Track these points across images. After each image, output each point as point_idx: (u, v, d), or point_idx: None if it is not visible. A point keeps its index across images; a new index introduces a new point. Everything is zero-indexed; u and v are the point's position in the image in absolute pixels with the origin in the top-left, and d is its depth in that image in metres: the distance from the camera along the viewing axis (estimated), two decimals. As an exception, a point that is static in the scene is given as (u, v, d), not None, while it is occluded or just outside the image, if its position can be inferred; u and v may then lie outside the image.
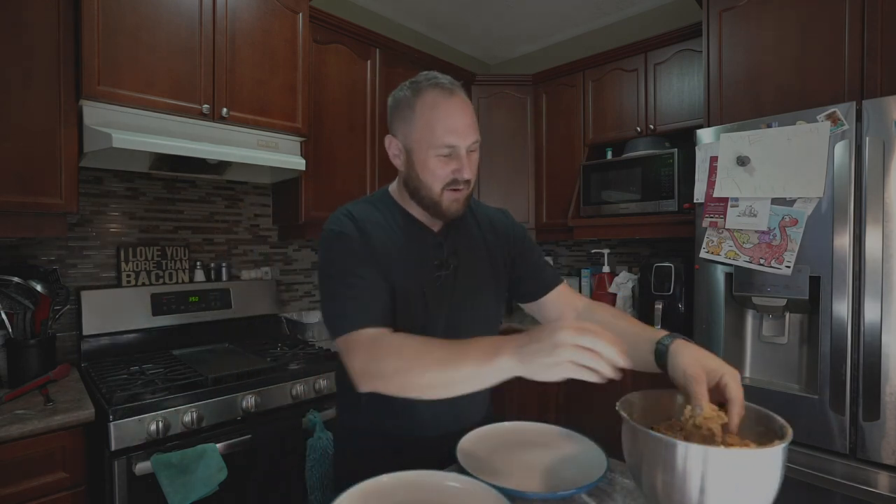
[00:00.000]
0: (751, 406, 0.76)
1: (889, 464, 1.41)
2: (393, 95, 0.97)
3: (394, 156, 0.98)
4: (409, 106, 0.92)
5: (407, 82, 0.96)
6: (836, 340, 1.49)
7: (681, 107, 2.35)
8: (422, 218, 1.02)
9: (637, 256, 2.80)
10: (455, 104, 0.90)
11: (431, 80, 0.92)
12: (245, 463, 1.53)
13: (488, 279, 1.07)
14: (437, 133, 0.89)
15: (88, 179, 1.89)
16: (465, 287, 1.03)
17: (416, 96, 0.91)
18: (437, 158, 0.91)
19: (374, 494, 0.75)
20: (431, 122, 0.89)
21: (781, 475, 0.64)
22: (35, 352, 1.58)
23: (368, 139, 2.41)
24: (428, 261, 1.00)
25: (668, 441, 0.64)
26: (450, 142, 0.90)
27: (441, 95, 0.90)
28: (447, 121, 0.89)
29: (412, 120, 0.92)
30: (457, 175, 0.92)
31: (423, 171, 0.92)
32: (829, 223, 1.51)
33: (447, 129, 0.89)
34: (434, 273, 0.99)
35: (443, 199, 0.94)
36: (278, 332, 2.33)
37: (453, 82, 0.93)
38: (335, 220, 0.97)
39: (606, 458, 0.88)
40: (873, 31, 1.62)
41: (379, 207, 1.02)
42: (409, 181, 0.97)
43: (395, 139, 0.96)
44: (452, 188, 0.93)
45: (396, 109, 0.95)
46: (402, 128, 0.94)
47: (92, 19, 1.53)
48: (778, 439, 0.68)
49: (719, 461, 0.62)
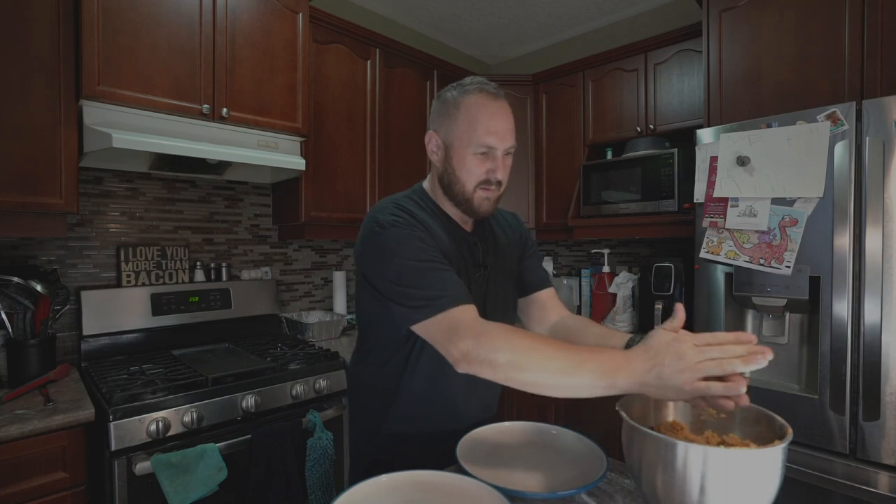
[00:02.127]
0: (751, 406, 0.76)
1: (889, 464, 1.41)
2: (439, 95, 1.02)
3: (432, 151, 1.02)
4: (454, 105, 0.97)
5: (455, 84, 1.00)
6: (836, 340, 1.49)
7: (681, 107, 2.35)
8: (455, 217, 1.05)
9: (637, 256, 2.80)
10: (498, 108, 0.95)
11: (479, 84, 0.97)
12: (245, 463, 1.53)
13: (511, 280, 1.14)
14: (478, 132, 0.94)
15: (88, 179, 1.89)
16: (496, 287, 1.08)
17: (463, 96, 0.96)
18: (475, 156, 0.96)
19: (373, 494, 0.75)
20: (474, 122, 0.94)
21: (781, 475, 0.65)
22: (35, 352, 1.58)
23: (368, 139, 2.41)
24: (467, 259, 1.04)
25: (668, 441, 0.64)
26: (488, 142, 0.94)
27: (486, 98, 0.95)
28: (489, 122, 0.94)
29: (456, 118, 0.96)
30: (490, 175, 0.97)
31: (460, 167, 0.97)
32: (829, 223, 1.51)
33: (488, 129, 0.94)
34: (474, 273, 1.04)
35: (475, 196, 0.99)
36: (278, 332, 2.33)
37: (498, 89, 0.98)
38: (390, 213, 0.96)
39: (606, 458, 0.88)
40: (873, 30, 1.62)
41: (420, 204, 1.04)
42: (444, 176, 1.01)
43: (436, 135, 1.01)
44: (485, 187, 0.98)
45: (441, 107, 1.00)
46: (444, 125, 0.99)
47: (92, 19, 1.53)
48: (778, 439, 0.68)
49: (719, 461, 0.62)
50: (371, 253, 0.94)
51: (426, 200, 1.06)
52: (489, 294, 1.07)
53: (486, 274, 1.06)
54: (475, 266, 1.05)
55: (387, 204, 1.01)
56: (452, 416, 1.04)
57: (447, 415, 1.03)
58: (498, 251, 1.11)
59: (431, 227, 0.99)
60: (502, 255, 1.12)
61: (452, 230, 1.04)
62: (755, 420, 0.77)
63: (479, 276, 1.05)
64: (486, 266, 1.06)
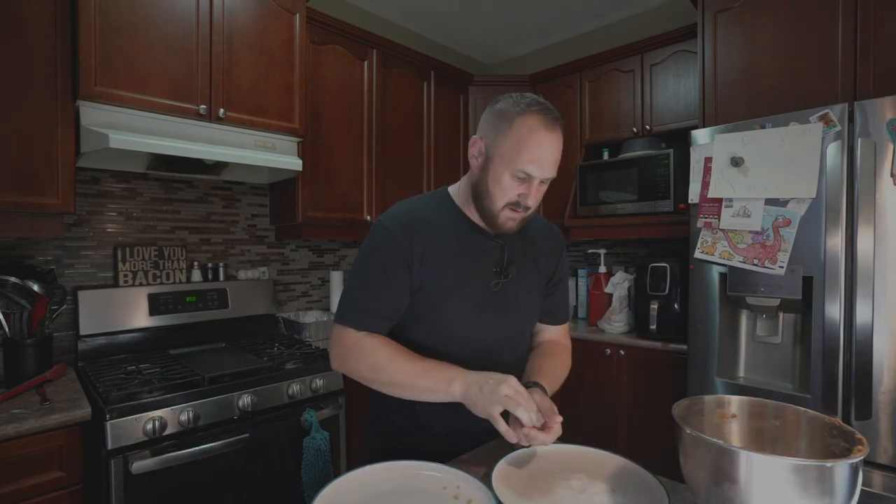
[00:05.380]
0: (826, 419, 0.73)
1: (882, 462, 1.42)
2: (496, 102, 0.97)
3: (473, 156, 0.99)
4: (508, 118, 0.92)
5: (514, 95, 0.95)
6: (828, 340, 1.50)
7: (677, 107, 2.36)
8: (480, 224, 1.04)
9: (633, 256, 2.81)
10: (550, 139, 0.91)
11: (540, 106, 0.92)
12: (241, 462, 1.54)
13: (535, 291, 1.11)
14: (522, 156, 0.90)
15: (85, 179, 1.89)
16: (517, 296, 1.07)
17: (519, 114, 0.91)
18: (511, 177, 0.93)
19: (358, 485, 0.76)
20: (520, 145, 0.90)
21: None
22: (32, 351, 1.59)
23: (365, 139, 2.41)
24: (488, 266, 1.03)
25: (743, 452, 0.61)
26: (528, 170, 0.91)
27: (542, 124, 0.91)
28: (535, 150, 0.90)
29: (506, 133, 0.92)
30: (521, 199, 0.95)
31: (495, 183, 0.94)
32: (822, 224, 1.52)
33: (532, 157, 0.90)
34: (493, 279, 1.03)
35: (500, 214, 0.97)
36: (275, 331, 2.33)
37: (558, 118, 0.93)
38: (389, 215, 1.01)
39: (667, 495, 0.73)
40: (866, 33, 1.63)
41: (439, 208, 1.04)
42: (477, 185, 0.99)
43: (481, 142, 0.97)
44: (513, 208, 0.96)
45: (494, 116, 0.96)
46: (491, 134, 0.95)
47: (89, 20, 1.53)
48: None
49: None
50: (361, 246, 1.03)
51: (449, 205, 1.05)
52: (510, 303, 1.05)
53: (508, 282, 1.04)
54: (495, 273, 1.03)
55: (397, 207, 1.03)
56: (467, 413, 1.03)
57: (463, 412, 1.03)
58: (526, 261, 1.08)
59: (442, 233, 0.99)
60: (529, 266, 1.09)
61: (475, 237, 1.03)
62: (828, 432, 0.73)
63: (497, 285, 1.03)
64: (507, 275, 1.04)
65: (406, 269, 0.96)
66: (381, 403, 1.08)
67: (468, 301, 1.00)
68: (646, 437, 2.18)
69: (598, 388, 2.31)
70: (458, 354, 0.98)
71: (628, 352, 2.23)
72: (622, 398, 2.25)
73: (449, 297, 0.99)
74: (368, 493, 0.76)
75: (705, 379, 1.79)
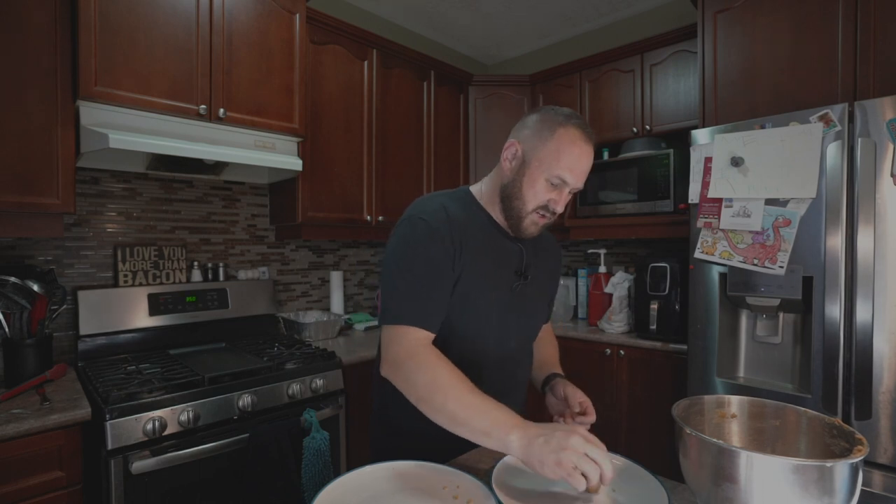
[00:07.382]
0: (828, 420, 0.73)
1: (882, 462, 1.42)
2: (537, 112, 1.02)
3: (506, 158, 1.02)
4: (550, 128, 0.97)
5: (556, 108, 1.01)
6: (828, 340, 1.50)
7: (677, 107, 2.36)
8: (503, 225, 1.06)
9: (633, 256, 2.81)
10: (587, 152, 0.98)
11: (579, 122, 0.98)
12: (241, 462, 1.54)
13: (546, 295, 1.18)
14: (561, 164, 0.96)
15: (85, 180, 1.89)
16: (533, 298, 1.11)
17: (561, 124, 0.97)
18: (546, 183, 0.97)
19: (353, 486, 0.76)
20: (561, 153, 0.96)
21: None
22: (32, 351, 1.59)
23: (365, 139, 2.41)
24: (510, 267, 1.05)
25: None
26: (565, 177, 0.96)
27: (580, 138, 0.97)
28: (574, 160, 0.96)
29: (546, 140, 0.97)
30: (552, 205, 0.99)
31: (529, 186, 0.98)
32: (822, 224, 1.52)
33: (570, 166, 0.96)
34: (514, 280, 1.06)
35: (528, 217, 1.00)
36: (275, 331, 2.33)
37: (592, 134, 1.00)
38: (425, 211, 0.99)
39: (668, 495, 0.73)
40: (866, 33, 1.63)
41: (467, 207, 1.05)
42: (508, 188, 1.02)
43: (519, 145, 1.01)
44: (541, 213, 1.00)
45: (535, 123, 1.00)
46: (531, 140, 0.99)
47: (89, 20, 1.53)
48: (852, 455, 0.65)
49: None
50: (393, 240, 0.99)
51: (470, 203, 1.07)
52: (526, 304, 1.09)
53: (527, 284, 1.08)
54: (516, 274, 1.06)
55: (429, 202, 1.02)
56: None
57: None
58: (538, 265, 1.13)
59: (470, 232, 1.00)
60: (540, 271, 1.14)
61: (498, 237, 1.05)
62: (828, 432, 0.73)
63: (518, 286, 1.06)
64: (526, 276, 1.08)
65: (451, 263, 0.96)
66: (388, 403, 1.08)
67: (496, 301, 1.03)
68: (646, 437, 2.18)
69: (599, 388, 2.31)
70: (480, 353, 1.01)
71: (628, 352, 2.23)
72: (622, 398, 2.25)
73: (481, 295, 1.00)
74: (368, 494, 0.76)
75: (705, 379, 1.79)
